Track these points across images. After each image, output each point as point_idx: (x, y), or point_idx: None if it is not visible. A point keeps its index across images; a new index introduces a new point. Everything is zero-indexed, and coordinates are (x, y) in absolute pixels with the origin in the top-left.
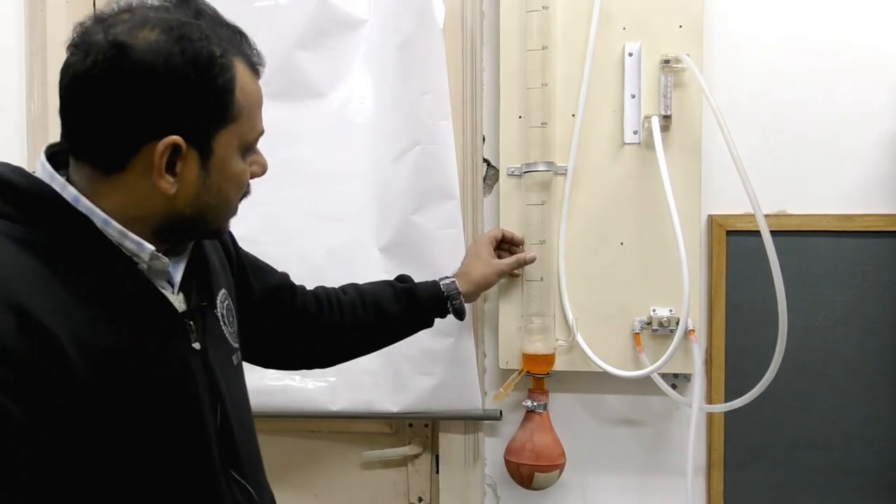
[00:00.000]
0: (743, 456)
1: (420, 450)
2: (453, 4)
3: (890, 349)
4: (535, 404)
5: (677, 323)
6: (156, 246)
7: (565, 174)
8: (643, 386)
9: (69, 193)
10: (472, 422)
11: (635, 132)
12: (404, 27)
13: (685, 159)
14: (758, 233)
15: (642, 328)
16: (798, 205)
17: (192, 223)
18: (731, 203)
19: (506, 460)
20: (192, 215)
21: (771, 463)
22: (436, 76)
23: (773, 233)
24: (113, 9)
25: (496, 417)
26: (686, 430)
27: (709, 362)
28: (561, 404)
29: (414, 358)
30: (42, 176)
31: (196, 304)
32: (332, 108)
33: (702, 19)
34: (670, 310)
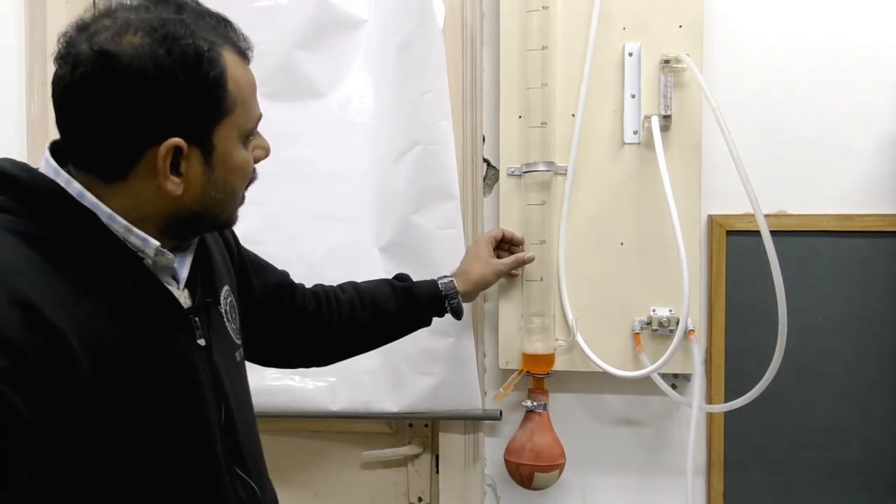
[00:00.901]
0: (743, 456)
1: (420, 450)
2: (453, 4)
3: (890, 349)
4: (534, 404)
5: (677, 323)
6: (162, 242)
7: (565, 174)
8: (643, 386)
9: (74, 188)
10: (472, 422)
11: (635, 132)
12: (404, 27)
13: (685, 159)
14: (758, 233)
15: (642, 328)
16: (798, 205)
17: (199, 218)
18: (731, 203)
19: (506, 460)
20: (199, 211)
21: (771, 463)
22: (436, 76)
23: (773, 233)
24: (93, 14)
25: (496, 417)
26: (686, 430)
27: (709, 362)
28: (561, 404)
29: (414, 358)
30: (46, 171)
31: (201, 301)
32: (332, 108)
33: (702, 19)
34: (670, 310)
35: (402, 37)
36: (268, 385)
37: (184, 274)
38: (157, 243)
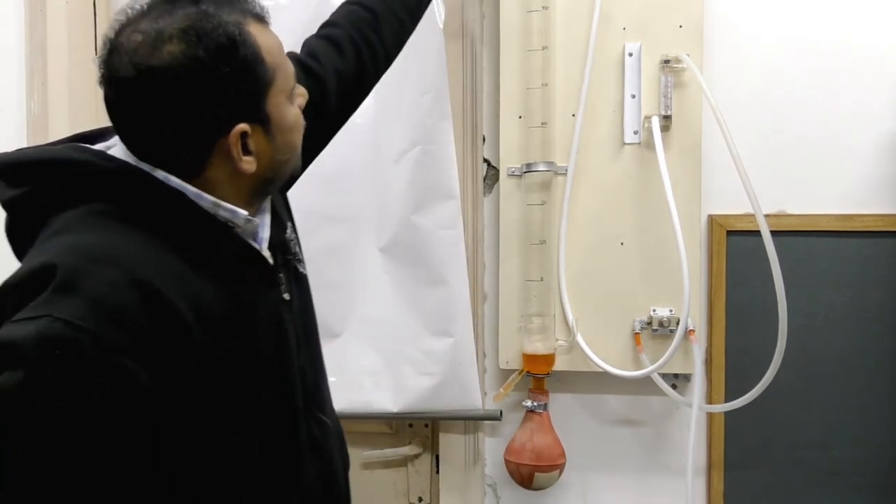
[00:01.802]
0: (743, 456)
1: (420, 450)
2: (453, 5)
3: (890, 349)
4: (535, 404)
5: (677, 323)
6: (248, 211)
7: (565, 174)
8: (643, 386)
9: (160, 173)
10: (472, 422)
11: (635, 132)
12: None
13: (685, 159)
14: (758, 233)
15: (642, 328)
16: (798, 205)
17: (272, 181)
18: (731, 203)
19: (506, 460)
20: (272, 175)
21: (771, 463)
22: (436, 76)
23: (773, 233)
24: (116, 29)
25: (496, 417)
26: (686, 430)
27: (709, 362)
28: (561, 404)
29: (414, 358)
30: (127, 159)
31: (282, 258)
32: None
33: (702, 19)
34: (670, 310)
35: None
36: None
37: (265, 234)
38: (245, 213)
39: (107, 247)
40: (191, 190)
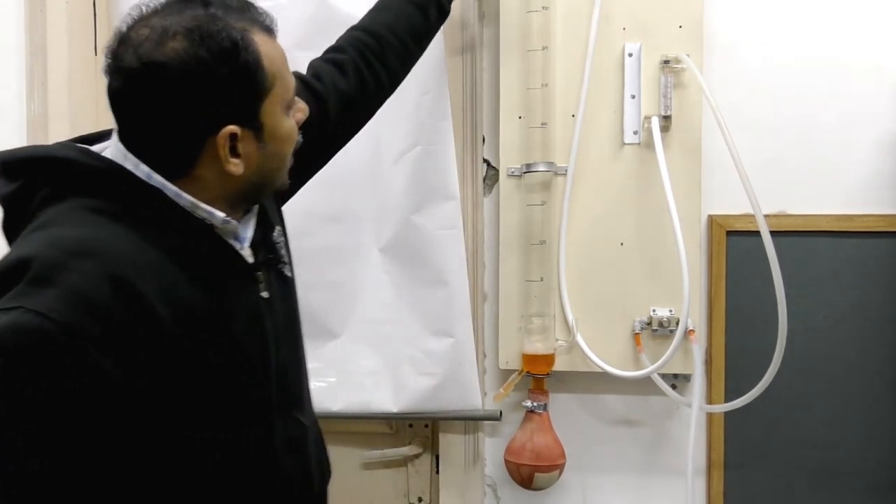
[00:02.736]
0: (743, 456)
1: (420, 450)
2: (453, 4)
3: (890, 349)
4: (535, 404)
5: (677, 323)
6: (230, 214)
7: (565, 174)
8: (643, 386)
9: (142, 171)
10: (472, 422)
11: (635, 132)
12: None
13: (685, 159)
14: (758, 233)
15: (642, 328)
16: (798, 205)
17: (259, 188)
18: (731, 203)
19: (506, 460)
20: (258, 182)
21: (771, 463)
22: (436, 76)
23: (773, 233)
24: (129, 23)
25: (496, 418)
26: (686, 430)
27: (709, 362)
28: (561, 404)
29: (414, 358)
30: (115, 156)
31: (264, 257)
32: None
33: (702, 19)
34: (670, 310)
35: None
36: None
37: (248, 234)
38: (222, 215)
39: (86, 240)
40: (170, 189)
